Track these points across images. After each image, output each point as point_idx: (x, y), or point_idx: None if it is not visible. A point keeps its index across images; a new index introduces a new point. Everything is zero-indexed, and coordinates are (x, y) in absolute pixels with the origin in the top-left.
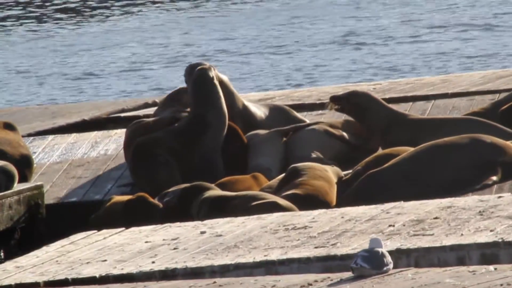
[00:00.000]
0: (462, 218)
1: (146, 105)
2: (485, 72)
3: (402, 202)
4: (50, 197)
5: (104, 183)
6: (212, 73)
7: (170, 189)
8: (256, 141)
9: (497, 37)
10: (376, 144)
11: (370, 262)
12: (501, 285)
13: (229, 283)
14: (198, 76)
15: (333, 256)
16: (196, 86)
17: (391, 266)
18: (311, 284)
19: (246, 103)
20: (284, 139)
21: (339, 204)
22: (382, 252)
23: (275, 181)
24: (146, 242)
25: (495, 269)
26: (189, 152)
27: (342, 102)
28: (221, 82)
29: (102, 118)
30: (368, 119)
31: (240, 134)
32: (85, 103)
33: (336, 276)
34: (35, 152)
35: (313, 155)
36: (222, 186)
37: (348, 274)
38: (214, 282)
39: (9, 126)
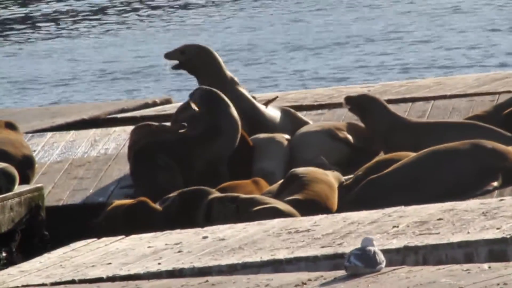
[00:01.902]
0: (466, 219)
1: (146, 105)
2: (479, 74)
3: (402, 206)
4: (52, 199)
5: (106, 185)
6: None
7: (171, 194)
8: (260, 144)
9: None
10: (379, 146)
11: (363, 260)
12: (498, 284)
13: (221, 282)
14: (203, 90)
15: (341, 254)
16: (203, 99)
17: (383, 264)
18: (305, 283)
19: (256, 104)
20: (288, 142)
21: (341, 210)
22: (374, 251)
23: (275, 186)
24: (149, 247)
25: (489, 267)
26: (195, 158)
27: (351, 102)
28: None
29: (101, 117)
30: (372, 122)
31: (245, 137)
32: (85, 103)
33: (330, 275)
34: (34, 151)
35: (317, 159)
36: (223, 191)
37: (341, 273)
38: (207, 281)
39: (11, 126)
